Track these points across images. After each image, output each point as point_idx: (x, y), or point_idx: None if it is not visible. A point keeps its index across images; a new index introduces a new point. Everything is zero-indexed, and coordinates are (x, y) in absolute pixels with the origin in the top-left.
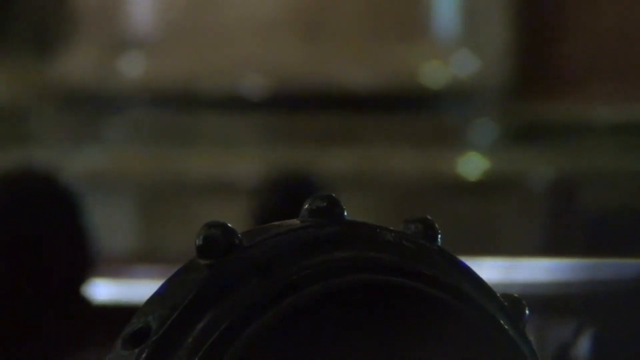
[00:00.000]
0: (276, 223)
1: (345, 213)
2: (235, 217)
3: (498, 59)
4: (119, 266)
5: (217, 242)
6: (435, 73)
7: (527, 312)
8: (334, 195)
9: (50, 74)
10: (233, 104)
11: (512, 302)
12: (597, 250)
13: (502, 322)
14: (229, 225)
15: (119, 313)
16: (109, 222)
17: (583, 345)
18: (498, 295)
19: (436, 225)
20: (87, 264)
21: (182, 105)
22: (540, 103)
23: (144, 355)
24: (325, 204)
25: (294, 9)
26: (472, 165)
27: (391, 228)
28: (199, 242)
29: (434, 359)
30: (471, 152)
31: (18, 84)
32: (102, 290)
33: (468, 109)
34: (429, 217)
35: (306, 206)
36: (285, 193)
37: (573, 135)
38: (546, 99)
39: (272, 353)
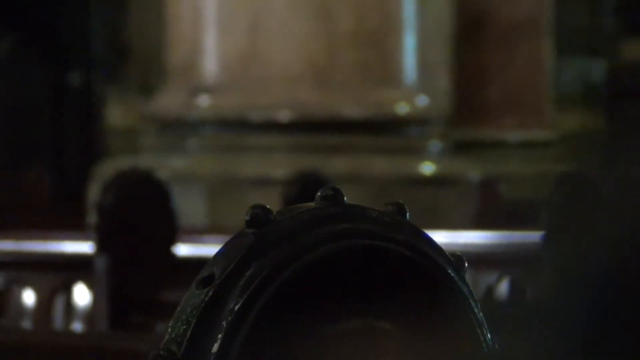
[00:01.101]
0: (298, 205)
1: (345, 199)
2: (272, 202)
3: (443, 98)
4: (195, 235)
5: (258, 217)
6: (403, 107)
7: (465, 264)
8: (337, 187)
9: (152, 107)
10: (270, 127)
11: (456, 258)
12: (510, 224)
13: (449, 271)
14: (267, 206)
15: (194, 265)
16: (188, 206)
17: (502, 288)
18: (446, 253)
19: (405, 207)
20: (174, 234)
21: (237, 128)
22: (470, 127)
23: (210, 294)
24: (331, 192)
25: (311, 65)
26: (427, 168)
27: (375, 209)
28: (247, 217)
29: (404, 294)
30: (426, 159)
31: (131, 114)
32: (184, 250)
33: (424, 130)
34: (401, 202)
35: (319, 194)
36: (304, 186)
37: (492, 149)
38: (474, 124)
39: (297, 291)
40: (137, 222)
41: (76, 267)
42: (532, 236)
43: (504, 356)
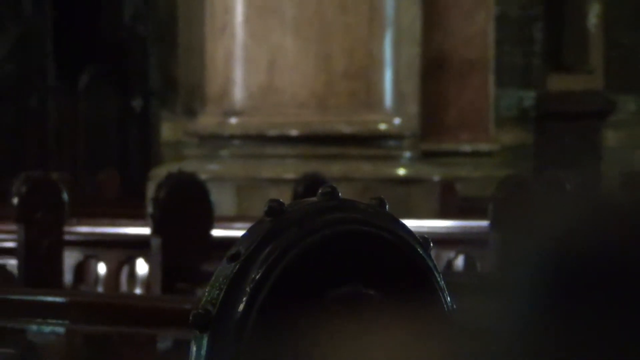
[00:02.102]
0: (304, 200)
1: (339, 195)
2: (284, 197)
3: (412, 119)
4: (225, 222)
5: (274, 208)
6: (383, 125)
7: (431, 244)
8: (334, 185)
9: (194, 125)
10: (283, 140)
11: (423, 239)
12: (463, 215)
13: (418, 249)
14: (281, 200)
15: (225, 245)
16: (221, 200)
17: (458, 262)
18: (416, 235)
19: (385, 201)
20: (210, 221)
21: (258, 141)
22: (433, 141)
23: (237, 267)
24: (329, 190)
25: (313, 94)
26: (401, 171)
27: (362, 202)
28: (265, 208)
29: (384, 267)
30: (400, 165)
31: (178, 131)
32: (217, 233)
33: (398, 143)
34: (382, 197)
35: (319, 191)
36: (309, 185)
37: (449, 157)
38: (436, 139)
39: (303, 265)
40: (183, 212)
41: (137, 246)
42: (481, 223)
43: (459, 315)
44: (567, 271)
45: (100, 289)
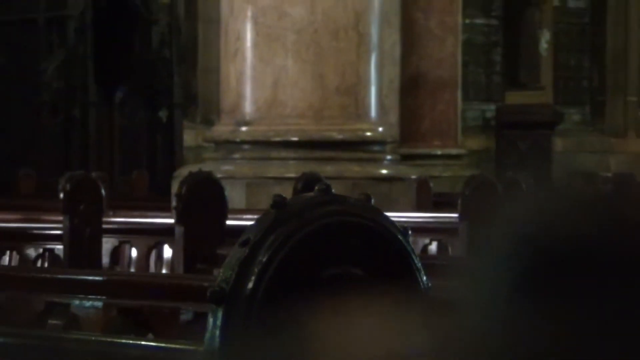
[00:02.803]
0: (303, 195)
1: (333, 191)
2: (286, 193)
3: (393, 128)
4: (237, 213)
5: (278, 202)
6: (369, 133)
7: (409, 232)
8: (328, 183)
9: (211, 133)
10: (285, 145)
11: (403, 228)
12: (436, 208)
13: (399, 236)
14: (283, 195)
15: (237, 233)
16: (233, 196)
17: (432, 247)
18: (397, 225)
19: (371, 196)
20: (224, 212)
21: (264, 146)
22: (410, 146)
23: (247, 251)
24: (324, 187)
25: (311, 107)
26: (384, 171)
27: (352, 197)
28: (271, 202)
29: (370, 251)
30: (383, 166)
31: (197, 137)
32: (230, 222)
33: (382, 148)
34: (368, 193)
35: (316, 188)
36: (307, 183)
37: (424, 160)
38: (413, 144)
39: (302, 249)
40: (201, 205)
41: (163, 233)
42: (451, 215)
43: (433, 292)
44: (526, 254)
45: (132, 270)
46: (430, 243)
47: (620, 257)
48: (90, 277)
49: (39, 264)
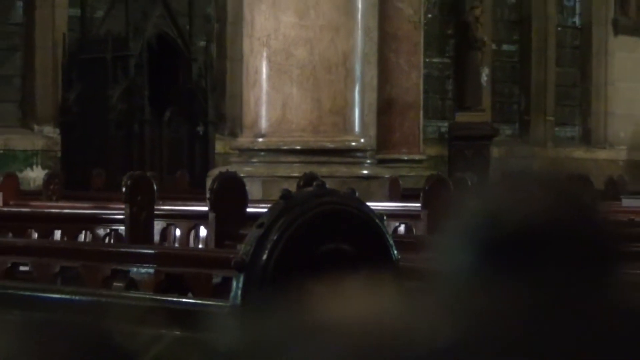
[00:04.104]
0: (305, 189)
1: (327, 186)
2: (292, 188)
3: (372, 139)
4: (255, 203)
5: (285, 194)
6: (354, 143)
7: (385, 217)
8: (323, 181)
9: (236, 143)
10: (291, 152)
11: (379, 214)
12: (404, 199)
13: (376, 220)
14: (290, 189)
15: (255, 217)
16: (252, 190)
17: (401, 229)
18: (375, 212)
19: (355, 190)
20: (245, 202)
21: (275, 153)
22: (385, 153)
23: (262, 231)
24: (320, 183)
25: (310, 123)
26: (365, 172)
27: (341, 191)
28: (280, 195)
29: (355, 231)
30: (364, 168)
31: (226, 146)
32: (250, 210)
33: (363, 154)
34: (353, 188)
35: (314, 184)
36: (307, 181)
37: (395, 163)
38: (386, 151)
39: (303, 230)
40: (228, 197)
41: (200, 217)
42: (415, 205)
43: (402, 262)
44: (475, 233)
45: (176, 245)
46: (399, 226)
47: (567, 232)
48: (145, 251)
49: (106, 240)
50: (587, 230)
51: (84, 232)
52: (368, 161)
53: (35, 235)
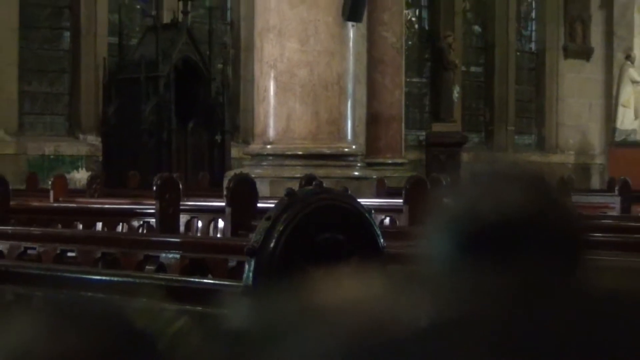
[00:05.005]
0: (305, 187)
1: (324, 185)
2: (295, 187)
3: (362, 146)
4: (264, 199)
5: (289, 192)
6: (347, 149)
7: (372, 211)
8: (321, 181)
9: (248, 149)
10: (295, 157)
11: (368, 209)
12: (389, 196)
13: (366, 214)
14: (293, 188)
15: (264, 211)
16: (261, 188)
17: (386, 220)
18: (364, 206)
19: (348, 189)
20: (256, 199)
21: (281, 157)
22: (372, 157)
23: (269, 223)
24: (318, 182)
25: (310, 133)
26: (355, 173)
27: (336, 189)
28: (284, 193)
29: (348, 223)
30: (356, 170)
31: (239, 152)
32: (260, 205)
33: (354, 159)
34: (346, 187)
35: (313, 183)
36: (308, 181)
37: (381, 166)
38: (374, 156)
39: (304, 222)
40: (242, 194)
41: (218, 211)
42: (398, 200)
43: (387, 249)
44: (452, 223)
45: (198, 234)
46: (385, 218)
47: (539, 224)
48: (172, 239)
49: (140, 231)
50: (557, 218)
51: (121, 224)
52: (358, 164)
53: (80, 226)
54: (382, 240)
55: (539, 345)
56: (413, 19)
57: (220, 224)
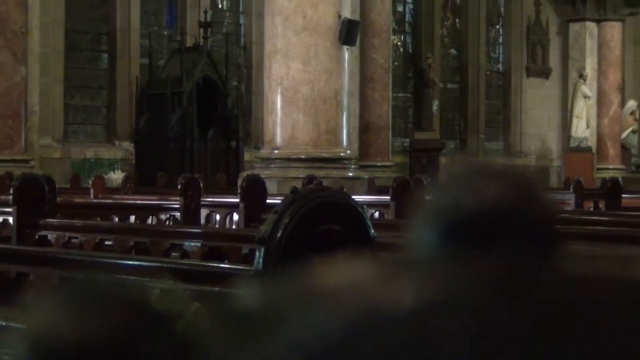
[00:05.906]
0: (308, 186)
1: (323, 184)
2: (298, 186)
3: (356, 151)
4: (272, 195)
5: (293, 190)
6: (342, 154)
7: (365, 206)
8: (320, 180)
9: (259, 153)
10: (298, 160)
11: (361, 204)
12: (379, 194)
13: (359, 209)
14: (297, 186)
15: (272, 206)
16: (270, 187)
17: (376, 214)
18: (358, 202)
19: (344, 187)
20: (265, 196)
21: (287, 161)
22: (364, 161)
23: (276, 217)
24: (319, 182)
25: (311, 140)
26: (350, 174)
27: (333, 188)
28: (289, 190)
29: (344, 216)
30: (350, 171)
31: (252, 156)
32: (269, 201)
33: (349, 162)
34: (342, 186)
35: (314, 182)
36: (309, 180)
37: (372, 167)
38: (365, 159)
39: (307, 216)
40: (253, 191)
41: (233, 206)
42: (386, 197)
43: (377, 239)
44: (436, 215)
45: (217, 226)
46: (375, 212)
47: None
48: (194, 230)
49: (167, 222)
50: (535, 209)
51: (150, 217)
52: (352, 167)
53: (116, 219)
54: (372, 231)
55: (518, 328)
56: (399, 43)
57: (235, 217)
